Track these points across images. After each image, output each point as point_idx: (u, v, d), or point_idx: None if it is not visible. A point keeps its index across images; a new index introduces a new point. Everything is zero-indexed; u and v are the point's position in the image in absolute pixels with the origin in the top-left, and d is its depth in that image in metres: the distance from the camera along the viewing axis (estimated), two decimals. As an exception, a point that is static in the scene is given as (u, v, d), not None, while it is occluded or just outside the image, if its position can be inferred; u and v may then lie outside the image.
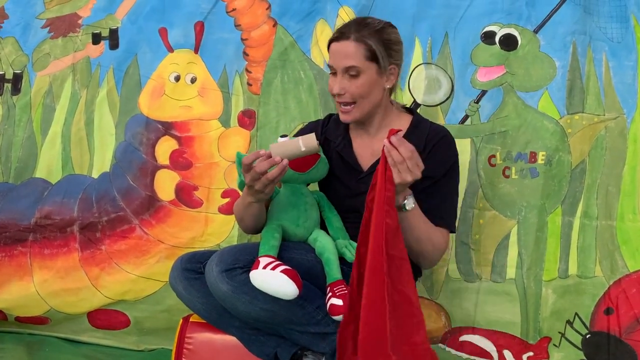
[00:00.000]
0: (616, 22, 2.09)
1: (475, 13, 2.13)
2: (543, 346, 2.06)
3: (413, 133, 1.78)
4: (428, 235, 1.69)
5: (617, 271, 2.03)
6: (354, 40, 1.69)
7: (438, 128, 1.82)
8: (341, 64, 1.70)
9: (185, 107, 2.27)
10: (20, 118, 2.35)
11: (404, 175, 1.53)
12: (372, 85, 1.72)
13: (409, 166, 1.53)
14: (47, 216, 2.27)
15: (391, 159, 1.53)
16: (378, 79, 1.73)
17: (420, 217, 1.67)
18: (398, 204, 1.60)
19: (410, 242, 1.65)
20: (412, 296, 1.55)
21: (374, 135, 1.81)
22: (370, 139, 1.82)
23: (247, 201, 1.68)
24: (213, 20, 2.27)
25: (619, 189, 2.05)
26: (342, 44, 1.70)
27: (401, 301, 1.52)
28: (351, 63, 1.69)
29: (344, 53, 1.69)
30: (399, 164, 1.53)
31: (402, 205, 1.61)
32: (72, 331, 2.30)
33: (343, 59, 1.69)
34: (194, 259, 1.73)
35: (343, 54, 1.70)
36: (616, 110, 2.07)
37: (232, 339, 1.75)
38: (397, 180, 1.53)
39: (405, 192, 1.61)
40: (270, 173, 1.58)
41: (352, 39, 1.69)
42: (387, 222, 1.51)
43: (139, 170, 2.25)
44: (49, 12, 2.40)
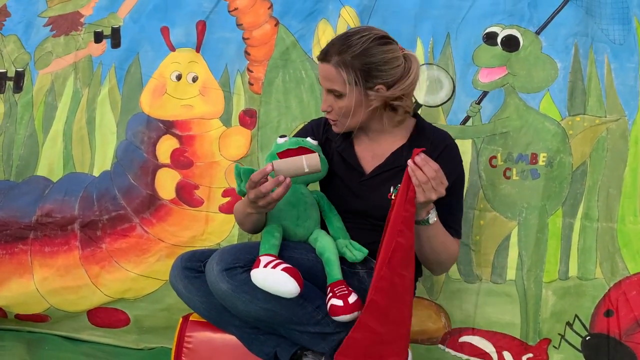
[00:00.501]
0: (618, 24, 2.09)
1: (477, 14, 2.13)
2: (543, 348, 2.06)
3: (417, 138, 1.78)
4: (445, 245, 1.72)
5: (618, 273, 2.02)
6: (333, 65, 1.67)
7: (441, 135, 1.81)
8: (325, 85, 1.72)
9: (187, 106, 2.27)
10: (22, 116, 2.35)
11: (428, 194, 1.55)
12: (356, 106, 1.69)
13: (433, 185, 1.55)
14: (48, 214, 2.27)
15: (415, 179, 1.55)
16: (363, 99, 1.69)
17: (440, 229, 1.69)
18: (421, 218, 1.62)
19: (428, 252, 1.69)
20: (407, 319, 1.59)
21: (375, 139, 1.81)
22: (370, 142, 1.82)
23: (247, 211, 1.69)
24: (215, 20, 2.27)
25: (620, 190, 2.05)
26: (325, 66, 1.70)
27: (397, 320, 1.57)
28: (332, 87, 1.69)
29: (326, 75, 1.70)
30: (424, 183, 1.54)
31: (426, 219, 1.64)
32: (72, 329, 2.30)
33: (326, 80, 1.71)
34: (194, 258, 1.73)
35: (325, 76, 1.70)
36: (618, 112, 2.07)
37: (232, 338, 1.75)
38: (421, 200, 1.55)
39: (429, 206, 1.63)
40: (275, 192, 1.59)
41: (332, 63, 1.67)
42: (400, 242, 1.53)
43: (140, 169, 2.25)
44: (52, 10, 2.40)
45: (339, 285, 1.65)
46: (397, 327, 1.57)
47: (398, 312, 1.57)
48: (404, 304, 1.58)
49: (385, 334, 1.55)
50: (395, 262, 1.54)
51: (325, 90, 1.72)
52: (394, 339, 1.57)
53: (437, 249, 1.70)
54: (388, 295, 1.54)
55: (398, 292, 1.55)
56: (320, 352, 1.68)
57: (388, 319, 1.55)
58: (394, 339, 1.57)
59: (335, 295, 1.62)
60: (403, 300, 1.58)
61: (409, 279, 1.57)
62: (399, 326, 1.58)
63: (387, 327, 1.55)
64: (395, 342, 1.58)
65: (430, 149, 1.74)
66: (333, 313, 1.62)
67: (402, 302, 1.57)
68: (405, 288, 1.57)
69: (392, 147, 1.78)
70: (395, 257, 1.53)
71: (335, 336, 1.65)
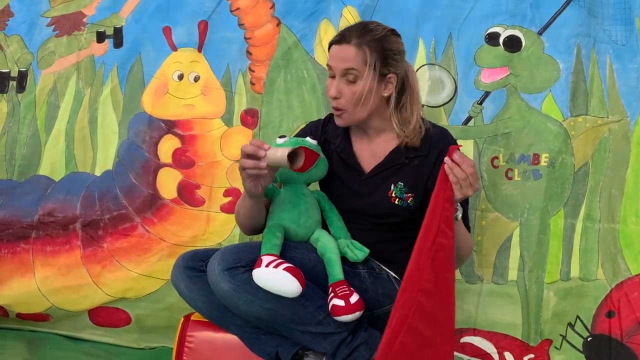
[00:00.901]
0: (621, 25, 2.08)
1: (480, 14, 2.13)
2: (544, 348, 2.06)
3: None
4: (466, 240, 1.74)
5: (619, 274, 2.02)
6: (354, 45, 1.69)
7: (439, 131, 1.82)
8: (340, 66, 1.70)
9: (188, 106, 2.27)
10: (25, 116, 2.35)
11: (465, 190, 1.55)
12: (369, 91, 1.70)
13: (471, 182, 1.55)
14: (50, 213, 2.27)
15: (453, 176, 1.54)
16: (376, 86, 1.71)
17: (461, 224, 1.71)
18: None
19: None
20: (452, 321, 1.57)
21: (373, 138, 1.81)
22: (369, 142, 1.82)
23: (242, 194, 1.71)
24: (217, 19, 2.27)
25: (622, 191, 2.04)
26: (343, 47, 1.70)
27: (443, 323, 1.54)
28: (351, 66, 1.69)
29: (344, 56, 1.69)
30: (462, 180, 1.54)
31: (455, 217, 1.63)
32: (73, 328, 2.30)
33: (342, 61, 1.69)
34: (196, 257, 1.73)
35: (343, 57, 1.69)
36: (620, 113, 2.07)
37: (234, 337, 1.75)
38: (458, 197, 1.55)
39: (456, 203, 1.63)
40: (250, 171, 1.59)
41: (353, 43, 1.69)
42: (442, 242, 1.52)
43: (142, 169, 2.25)
44: (54, 10, 2.41)
45: (340, 285, 1.65)
46: (443, 330, 1.54)
47: (443, 314, 1.53)
48: (448, 305, 1.55)
49: (432, 337, 1.52)
50: (438, 263, 1.51)
51: (337, 75, 1.70)
52: (441, 343, 1.54)
53: (460, 244, 1.68)
54: (433, 298, 1.51)
55: (442, 294, 1.52)
56: (322, 352, 1.68)
57: (434, 322, 1.52)
58: (441, 343, 1.54)
59: (337, 295, 1.63)
60: (448, 301, 1.55)
61: (451, 280, 1.55)
62: (444, 329, 1.54)
63: (433, 330, 1.51)
64: (443, 345, 1.54)
65: (430, 147, 1.75)
66: (335, 313, 1.62)
67: (446, 303, 1.54)
68: (449, 289, 1.55)
69: (391, 146, 1.79)
70: (438, 258, 1.51)
71: (336, 336, 1.65)
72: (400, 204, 1.75)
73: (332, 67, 1.72)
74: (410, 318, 1.50)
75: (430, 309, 1.51)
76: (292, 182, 1.77)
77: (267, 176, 1.64)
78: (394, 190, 1.75)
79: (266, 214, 1.78)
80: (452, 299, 1.57)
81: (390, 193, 1.75)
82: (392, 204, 1.75)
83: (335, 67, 1.70)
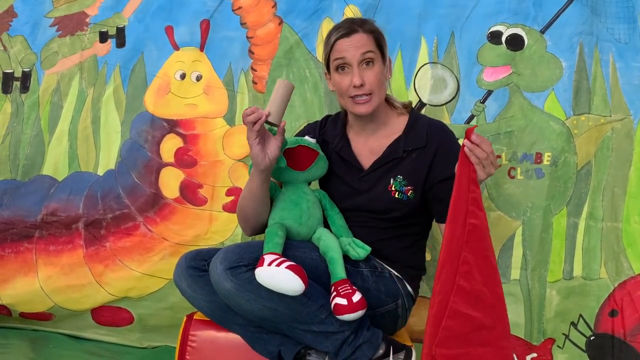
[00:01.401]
0: (623, 23, 2.08)
1: (482, 13, 2.13)
2: (547, 347, 2.05)
3: (412, 128, 1.79)
4: None
5: (622, 273, 2.02)
6: (363, 32, 1.73)
7: (436, 123, 1.83)
8: (357, 53, 1.72)
9: (191, 105, 2.27)
10: (29, 116, 2.36)
11: (488, 169, 1.56)
12: (382, 74, 1.76)
13: (492, 160, 1.56)
14: (53, 213, 2.27)
15: (475, 157, 1.54)
16: (383, 69, 1.76)
17: None
18: None
19: None
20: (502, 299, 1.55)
21: (370, 135, 1.82)
22: (366, 138, 1.82)
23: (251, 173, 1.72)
24: (219, 19, 2.27)
25: (625, 190, 2.04)
26: (354, 37, 1.72)
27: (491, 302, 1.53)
28: (367, 48, 1.72)
29: (358, 43, 1.72)
30: (484, 159, 1.55)
31: None
32: (75, 327, 2.31)
33: (358, 48, 1.72)
34: (198, 257, 1.73)
35: (357, 45, 1.72)
36: (623, 112, 2.06)
37: (236, 337, 1.75)
38: (482, 177, 1.56)
39: None
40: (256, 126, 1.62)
41: (361, 31, 1.73)
42: (473, 223, 1.51)
43: (144, 168, 2.25)
44: (57, 10, 2.41)
45: (343, 284, 1.65)
46: (493, 310, 1.52)
47: (491, 293, 1.52)
48: (494, 284, 1.53)
49: (483, 318, 1.50)
50: (473, 245, 1.51)
51: (355, 63, 1.72)
52: (494, 323, 1.52)
53: None
54: (474, 279, 1.50)
55: (485, 274, 1.52)
56: (324, 351, 1.68)
57: (481, 303, 1.51)
58: (494, 323, 1.52)
59: (339, 294, 1.62)
60: (493, 280, 1.53)
61: (493, 259, 1.54)
62: (494, 308, 1.53)
63: (482, 311, 1.50)
64: (497, 325, 1.53)
65: (427, 138, 1.75)
66: (337, 312, 1.62)
67: (492, 283, 1.53)
68: (491, 269, 1.53)
69: (388, 141, 1.80)
70: (472, 240, 1.51)
71: (338, 335, 1.65)
72: (400, 197, 1.75)
73: (347, 58, 1.73)
74: (451, 302, 1.50)
75: (473, 290, 1.50)
76: (293, 181, 1.78)
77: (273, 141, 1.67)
78: (394, 184, 1.75)
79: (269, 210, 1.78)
80: (497, 277, 1.55)
81: (390, 187, 1.76)
82: (393, 198, 1.75)
83: (352, 56, 1.72)
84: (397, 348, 1.71)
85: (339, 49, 1.74)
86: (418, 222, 1.80)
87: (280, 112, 1.66)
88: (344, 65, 1.74)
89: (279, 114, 1.66)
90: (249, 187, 1.74)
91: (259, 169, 1.69)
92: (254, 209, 1.76)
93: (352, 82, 1.72)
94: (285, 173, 1.76)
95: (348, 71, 1.73)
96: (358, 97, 1.74)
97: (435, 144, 1.76)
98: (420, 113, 1.87)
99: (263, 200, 1.75)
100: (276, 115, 1.65)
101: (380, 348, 1.68)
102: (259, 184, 1.71)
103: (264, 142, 1.66)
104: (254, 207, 1.75)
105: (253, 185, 1.72)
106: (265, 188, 1.73)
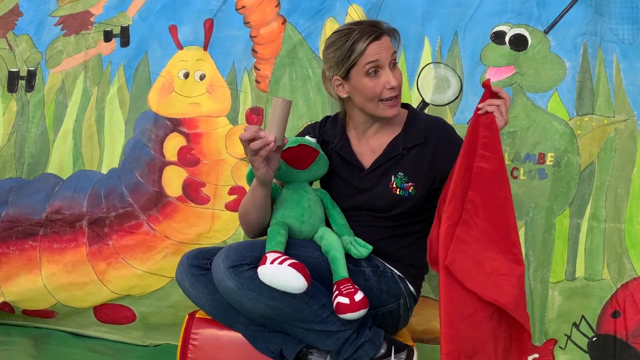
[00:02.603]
0: (627, 24, 2.08)
1: (486, 12, 2.13)
2: (549, 348, 2.05)
3: (411, 126, 1.79)
4: None
5: (625, 274, 2.01)
6: (387, 35, 1.74)
7: (433, 119, 1.84)
8: (388, 55, 1.72)
9: (194, 104, 2.28)
10: (34, 115, 2.36)
11: (506, 116, 1.58)
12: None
13: (507, 105, 1.59)
14: (58, 211, 2.28)
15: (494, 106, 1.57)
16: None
17: None
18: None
19: None
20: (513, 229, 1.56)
21: (371, 134, 1.82)
22: (368, 138, 1.83)
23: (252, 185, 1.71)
24: (222, 18, 2.27)
25: (628, 191, 2.04)
26: (383, 40, 1.72)
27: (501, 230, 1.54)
28: (394, 50, 1.74)
29: (388, 46, 1.72)
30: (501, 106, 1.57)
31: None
32: (78, 325, 2.31)
33: (389, 50, 1.72)
34: (200, 255, 1.74)
35: (387, 47, 1.72)
36: (626, 112, 2.06)
37: (238, 335, 1.75)
38: (502, 123, 1.58)
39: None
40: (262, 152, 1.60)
41: (387, 34, 1.74)
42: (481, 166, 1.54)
43: (147, 167, 2.26)
44: (62, 9, 2.42)
45: (345, 283, 1.65)
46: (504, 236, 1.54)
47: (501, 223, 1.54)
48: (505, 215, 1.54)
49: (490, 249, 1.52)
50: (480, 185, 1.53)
51: (387, 65, 1.72)
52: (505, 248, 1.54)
53: None
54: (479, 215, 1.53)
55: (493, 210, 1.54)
56: (326, 350, 1.68)
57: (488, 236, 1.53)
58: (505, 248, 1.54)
59: (342, 293, 1.62)
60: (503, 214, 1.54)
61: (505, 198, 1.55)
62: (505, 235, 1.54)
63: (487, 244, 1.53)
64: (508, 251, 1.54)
65: (426, 133, 1.75)
66: (339, 311, 1.61)
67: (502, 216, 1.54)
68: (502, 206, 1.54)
69: (388, 139, 1.80)
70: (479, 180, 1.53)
71: (340, 334, 1.65)
72: (401, 193, 1.75)
73: (381, 60, 1.71)
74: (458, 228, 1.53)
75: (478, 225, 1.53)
76: (294, 180, 1.78)
77: (275, 156, 1.65)
78: (395, 181, 1.76)
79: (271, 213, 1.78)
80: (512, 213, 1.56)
81: (391, 184, 1.76)
82: (394, 195, 1.75)
83: (385, 58, 1.71)
84: (399, 348, 1.71)
85: (371, 53, 1.70)
86: (420, 221, 1.80)
87: (283, 132, 1.63)
88: (377, 69, 1.72)
89: (283, 134, 1.63)
90: (252, 199, 1.73)
91: (264, 184, 1.69)
92: (257, 218, 1.76)
93: (385, 84, 1.71)
94: (287, 173, 1.76)
95: (379, 74, 1.72)
96: (389, 99, 1.73)
97: (434, 140, 1.76)
98: (418, 111, 1.86)
99: (267, 208, 1.75)
100: (281, 138, 1.63)
101: (382, 347, 1.68)
102: (263, 196, 1.71)
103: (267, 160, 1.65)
104: (259, 216, 1.75)
105: (257, 197, 1.72)
106: (268, 197, 1.74)
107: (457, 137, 1.79)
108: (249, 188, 1.76)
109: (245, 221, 1.80)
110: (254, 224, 1.78)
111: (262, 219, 1.76)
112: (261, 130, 1.59)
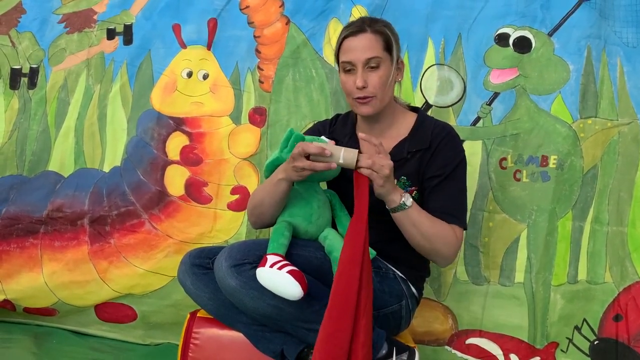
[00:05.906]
0: (632, 27, 2.08)
1: (489, 15, 2.12)
2: (550, 351, 2.05)
3: (418, 130, 1.79)
4: (436, 231, 1.68)
5: (627, 278, 2.01)
6: (371, 32, 1.71)
7: (442, 125, 1.82)
8: (363, 56, 1.71)
9: (197, 104, 2.28)
10: (36, 112, 2.36)
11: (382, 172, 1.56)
12: (389, 76, 1.74)
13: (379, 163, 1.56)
14: (59, 209, 2.28)
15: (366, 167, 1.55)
16: (392, 70, 1.75)
17: (422, 213, 1.67)
18: (395, 205, 1.62)
19: (420, 240, 1.66)
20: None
21: (381, 134, 1.81)
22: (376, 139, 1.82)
23: (277, 178, 1.68)
24: (226, 17, 2.27)
25: (631, 194, 2.04)
26: (361, 37, 1.71)
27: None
28: (373, 54, 1.71)
29: (364, 45, 1.71)
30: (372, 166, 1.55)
31: (402, 204, 1.62)
32: (79, 323, 2.31)
33: (364, 51, 1.71)
34: (202, 255, 1.74)
35: (363, 47, 1.71)
36: (630, 116, 2.06)
37: (239, 335, 1.74)
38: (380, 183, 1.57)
39: (398, 190, 1.62)
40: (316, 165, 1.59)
41: (369, 31, 1.72)
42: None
43: (150, 165, 2.26)
44: (66, 7, 2.42)
45: (345, 284, 1.64)
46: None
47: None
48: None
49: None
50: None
51: (360, 65, 1.71)
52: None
53: (429, 236, 1.66)
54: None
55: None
56: (327, 350, 1.67)
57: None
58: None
59: (342, 293, 1.62)
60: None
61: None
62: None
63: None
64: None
65: (432, 138, 1.75)
66: (339, 311, 1.61)
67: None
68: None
69: (395, 142, 1.80)
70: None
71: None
72: None
73: (352, 60, 1.72)
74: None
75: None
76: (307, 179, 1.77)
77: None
78: (399, 185, 1.75)
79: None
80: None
81: None
82: None
83: (357, 59, 1.71)
84: (400, 349, 1.70)
85: (346, 48, 1.73)
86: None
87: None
88: (350, 67, 1.73)
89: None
90: (272, 192, 1.71)
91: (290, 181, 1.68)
92: (271, 211, 1.74)
93: (355, 84, 1.72)
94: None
95: (353, 72, 1.73)
96: (359, 98, 1.74)
97: (437, 144, 1.76)
98: (428, 115, 1.85)
99: (283, 204, 1.74)
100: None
101: (383, 348, 1.68)
102: (284, 191, 1.70)
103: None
104: (273, 209, 1.74)
105: (278, 191, 1.70)
106: (289, 193, 1.73)
107: (461, 148, 1.78)
108: (265, 179, 1.74)
109: (257, 212, 1.78)
110: (265, 215, 1.76)
111: (276, 212, 1.75)
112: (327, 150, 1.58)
